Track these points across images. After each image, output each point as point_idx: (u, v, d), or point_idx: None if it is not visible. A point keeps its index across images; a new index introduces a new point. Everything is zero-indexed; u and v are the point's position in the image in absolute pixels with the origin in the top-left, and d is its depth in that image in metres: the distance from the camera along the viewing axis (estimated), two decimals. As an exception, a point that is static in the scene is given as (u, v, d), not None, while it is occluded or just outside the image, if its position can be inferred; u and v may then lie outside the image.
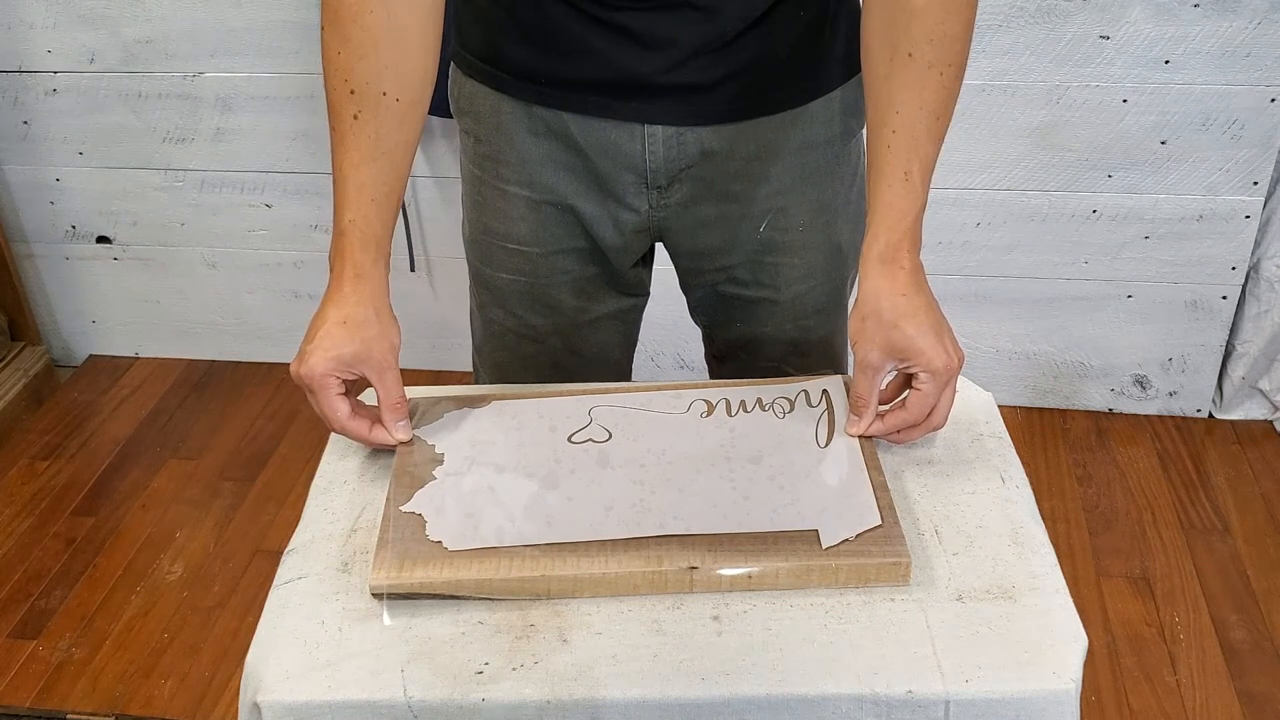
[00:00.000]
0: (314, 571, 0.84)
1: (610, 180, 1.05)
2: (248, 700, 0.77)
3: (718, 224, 1.08)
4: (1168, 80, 1.84)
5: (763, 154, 1.04)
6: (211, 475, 2.09)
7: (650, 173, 1.04)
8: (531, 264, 1.10)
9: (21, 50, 2.09)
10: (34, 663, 1.71)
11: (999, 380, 2.16)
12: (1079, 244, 2.00)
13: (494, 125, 1.06)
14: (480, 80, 1.05)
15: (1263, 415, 2.14)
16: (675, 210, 1.07)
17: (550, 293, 1.12)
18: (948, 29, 0.87)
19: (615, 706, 0.74)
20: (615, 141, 1.02)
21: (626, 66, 0.97)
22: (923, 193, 0.90)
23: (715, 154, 1.03)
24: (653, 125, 1.01)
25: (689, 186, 1.05)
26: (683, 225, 1.08)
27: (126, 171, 2.20)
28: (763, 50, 0.98)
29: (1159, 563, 1.83)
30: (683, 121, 1.01)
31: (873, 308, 0.89)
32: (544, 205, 1.07)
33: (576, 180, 1.05)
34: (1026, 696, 0.74)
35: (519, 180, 1.07)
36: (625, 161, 1.03)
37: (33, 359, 2.32)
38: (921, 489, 0.90)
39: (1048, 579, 0.81)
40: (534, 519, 0.85)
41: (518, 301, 1.14)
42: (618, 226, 1.08)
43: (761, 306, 1.13)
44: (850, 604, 0.80)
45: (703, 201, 1.06)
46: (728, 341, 1.20)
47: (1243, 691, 1.61)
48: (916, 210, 0.89)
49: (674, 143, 1.02)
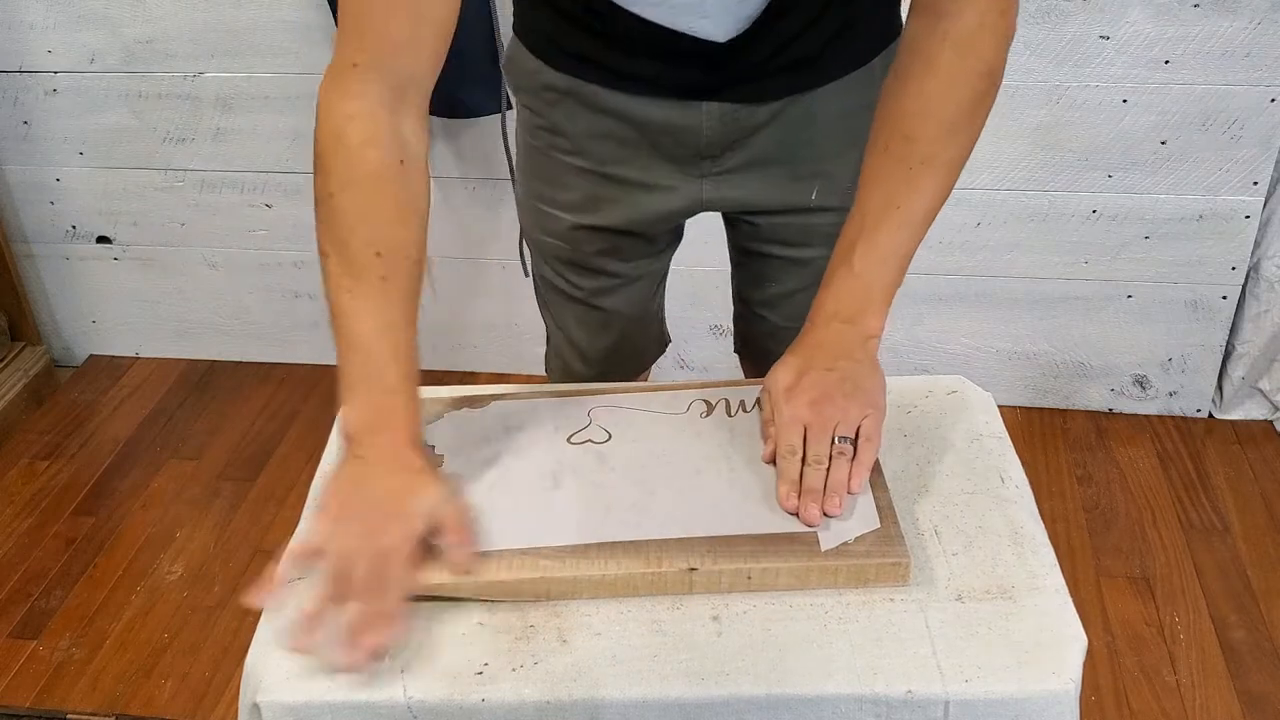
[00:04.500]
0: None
1: (663, 151, 1.07)
2: (248, 700, 0.77)
3: (768, 190, 1.10)
4: (1168, 80, 1.83)
5: (811, 122, 1.06)
6: (211, 475, 2.09)
7: (704, 144, 1.06)
8: (575, 232, 1.14)
9: (22, 50, 2.09)
10: (34, 663, 1.71)
11: (999, 380, 2.16)
12: (1079, 244, 2.00)
13: (551, 100, 1.08)
14: (539, 57, 1.07)
15: (1263, 415, 2.14)
16: (727, 178, 1.09)
17: (592, 260, 1.17)
18: (926, 129, 0.91)
19: (615, 707, 0.74)
20: (671, 118, 1.04)
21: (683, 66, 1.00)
22: (869, 277, 0.92)
23: (767, 125, 1.05)
24: (709, 103, 1.03)
25: (741, 155, 1.08)
26: (734, 193, 1.11)
27: (126, 171, 2.20)
28: (814, 32, 1.00)
29: (1159, 563, 1.83)
30: (739, 100, 1.03)
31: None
32: (594, 174, 1.10)
33: (629, 150, 1.08)
34: (1026, 696, 0.74)
35: (572, 150, 1.10)
36: (680, 136, 1.06)
37: (33, 359, 2.32)
38: (921, 489, 0.90)
39: (1047, 579, 0.81)
40: (533, 520, 0.84)
41: (562, 265, 1.19)
42: (669, 195, 1.11)
43: (809, 265, 1.16)
44: (850, 604, 0.80)
45: (755, 168, 1.09)
46: (764, 300, 1.23)
47: (1243, 691, 1.61)
48: (853, 290, 0.92)
49: (730, 118, 1.04)
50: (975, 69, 0.91)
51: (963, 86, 0.91)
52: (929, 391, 1.01)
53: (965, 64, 0.90)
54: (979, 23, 0.89)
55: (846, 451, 0.86)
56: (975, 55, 0.90)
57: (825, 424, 0.86)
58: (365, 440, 0.83)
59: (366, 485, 0.81)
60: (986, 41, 0.90)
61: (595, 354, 1.25)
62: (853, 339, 0.91)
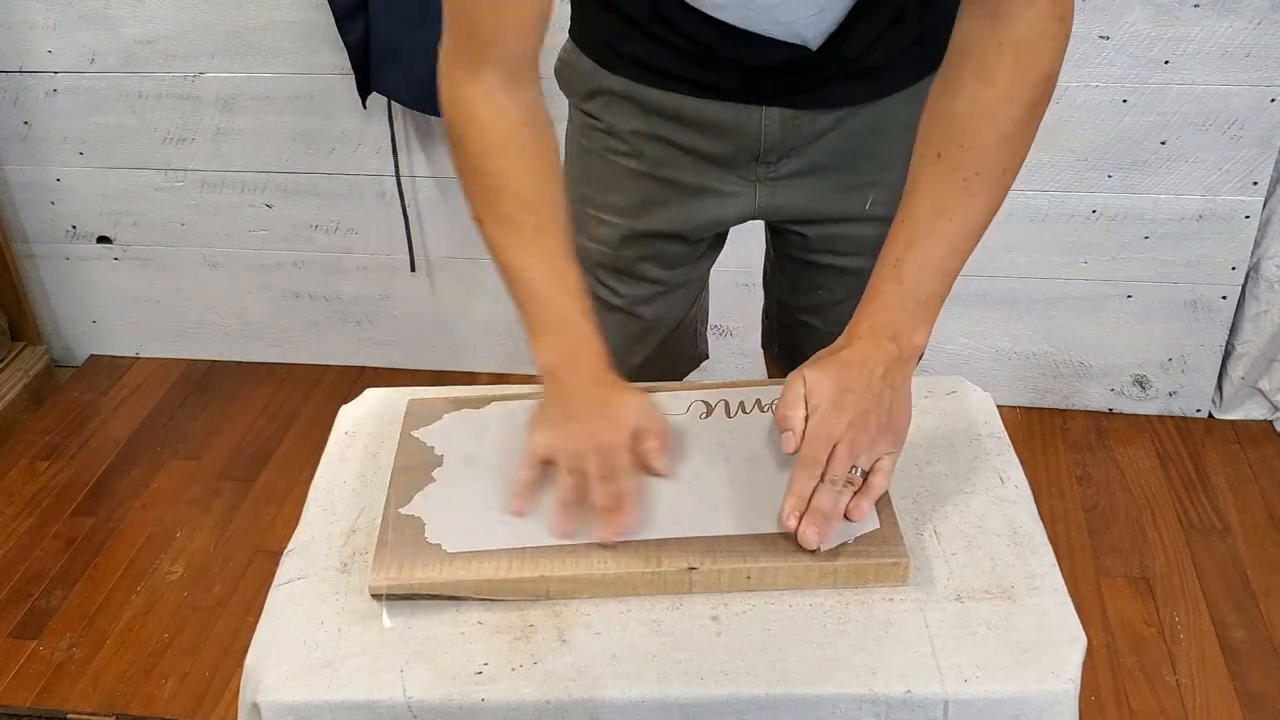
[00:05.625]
0: (314, 572, 0.84)
1: (720, 155, 1.07)
2: (248, 700, 0.77)
3: (823, 198, 1.09)
4: (1167, 80, 1.83)
5: (872, 132, 1.05)
6: (211, 475, 2.09)
7: (764, 150, 1.06)
8: (620, 237, 1.13)
9: (22, 50, 2.09)
10: (34, 663, 1.71)
11: (999, 380, 2.16)
12: (1079, 244, 2.00)
13: (605, 103, 1.08)
14: (596, 61, 1.07)
15: (1263, 415, 2.14)
16: (782, 184, 1.09)
17: (635, 266, 1.16)
18: (981, 139, 0.87)
19: (614, 706, 0.74)
20: (729, 121, 1.04)
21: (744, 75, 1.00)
22: (919, 291, 0.89)
23: (828, 132, 1.05)
24: (770, 107, 1.03)
25: (799, 161, 1.07)
26: (789, 200, 1.10)
27: (127, 171, 2.20)
28: (875, 50, 0.99)
29: (1159, 563, 1.83)
30: (799, 106, 1.02)
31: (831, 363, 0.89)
32: (646, 177, 1.10)
33: (685, 154, 1.07)
34: (1025, 696, 0.74)
35: (626, 153, 1.09)
36: (738, 140, 1.05)
37: (33, 359, 2.32)
38: (920, 489, 0.90)
39: (1047, 579, 0.81)
40: (533, 520, 0.85)
41: (605, 272, 1.18)
42: (722, 199, 1.10)
43: (859, 275, 1.13)
44: (849, 604, 0.80)
45: (811, 175, 1.08)
46: (808, 307, 1.22)
47: (1242, 691, 1.61)
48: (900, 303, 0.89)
49: (790, 124, 1.04)
50: (1032, 79, 0.86)
51: (1020, 97, 0.86)
52: (929, 391, 1.01)
53: (1024, 73, 0.86)
54: (1039, 30, 0.84)
55: (856, 482, 0.84)
56: (1034, 64, 0.86)
57: (853, 449, 0.84)
58: (563, 373, 0.91)
59: (574, 402, 0.89)
60: (1045, 50, 0.86)
61: (630, 367, 1.22)
62: (896, 358, 0.88)
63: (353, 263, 2.25)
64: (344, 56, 1.93)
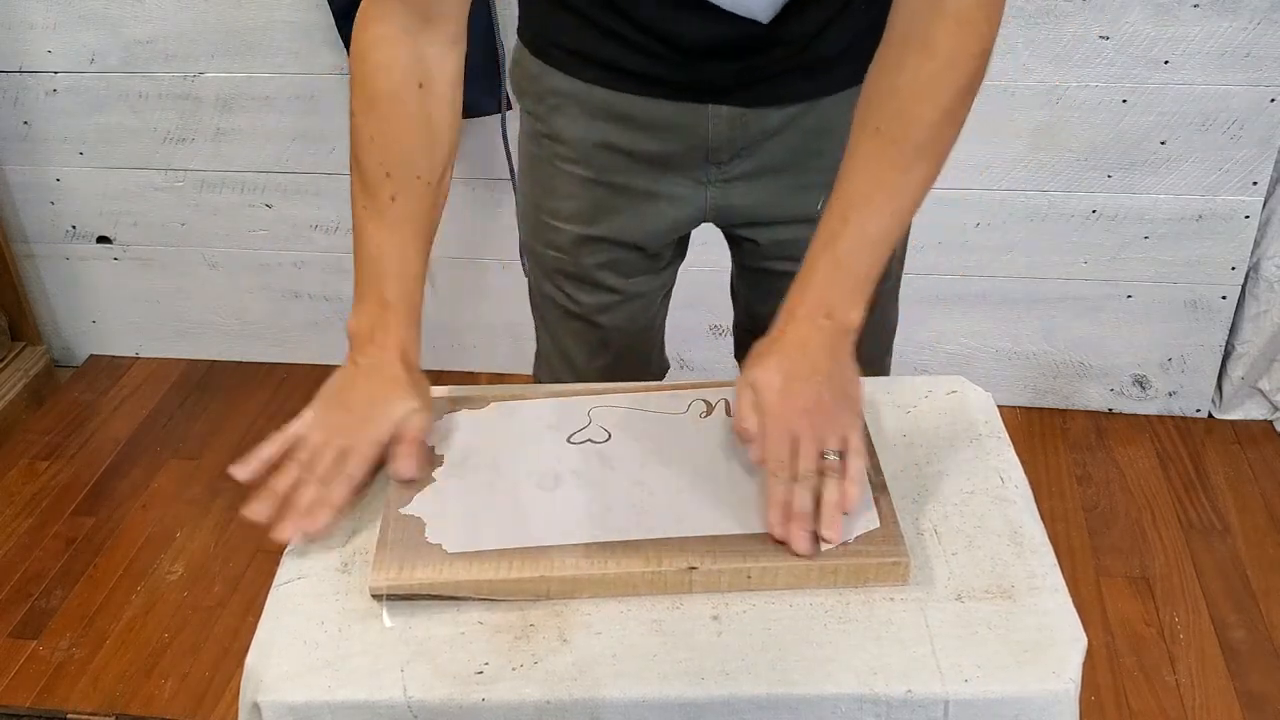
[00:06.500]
0: (314, 572, 0.84)
1: (670, 157, 1.06)
2: (248, 700, 0.77)
3: (776, 199, 1.09)
4: (1167, 80, 1.84)
5: (821, 132, 1.05)
6: (211, 475, 2.09)
7: (711, 149, 1.05)
8: (576, 243, 1.12)
9: (22, 50, 2.09)
10: (34, 663, 1.71)
11: (998, 380, 2.16)
12: (1078, 244, 2.00)
13: (554, 105, 1.07)
14: (543, 59, 1.06)
15: (1262, 415, 2.14)
16: (734, 185, 1.08)
17: (592, 273, 1.15)
18: (922, 111, 0.87)
19: (615, 706, 0.74)
20: (678, 121, 1.03)
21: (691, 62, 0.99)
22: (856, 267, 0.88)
23: (777, 132, 1.04)
24: (718, 105, 1.02)
25: (750, 162, 1.06)
26: (740, 201, 1.09)
27: (126, 171, 2.20)
28: (825, 38, 0.99)
29: (1158, 563, 1.83)
30: (748, 104, 1.02)
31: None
32: (596, 184, 1.09)
33: (634, 160, 1.07)
34: (1025, 696, 0.74)
35: (575, 159, 1.09)
36: (687, 140, 1.04)
37: (33, 359, 2.32)
38: (920, 489, 0.90)
39: (1047, 579, 0.81)
40: (533, 520, 0.85)
41: (562, 279, 1.17)
42: (673, 203, 1.09)
43: None
44: (850, 604, 0.80)
45: (762, 177, 1.07)
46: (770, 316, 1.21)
47: (1242, 691, 1.61)
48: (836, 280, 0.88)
49: (739, 122, 1.03)
50: (972, 50, 0.86)
51: (962, 67, 0.87)
52: (929, 391, 1.01)
53: (964, 44, 0.86)
54: (977, 2, 0.85)
55: (835, 467, 0.83)
56: (974, 34, 0.86)
57: (815, 436, 0.83)
58: (360, 347, 0.92)
59: (350, 388, 0.91)
60: (982, 22, 0.86)
61: (589, 373, 1.22)
62: (836, 336, 0.88)
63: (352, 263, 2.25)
64: (344, 56, 1.93)
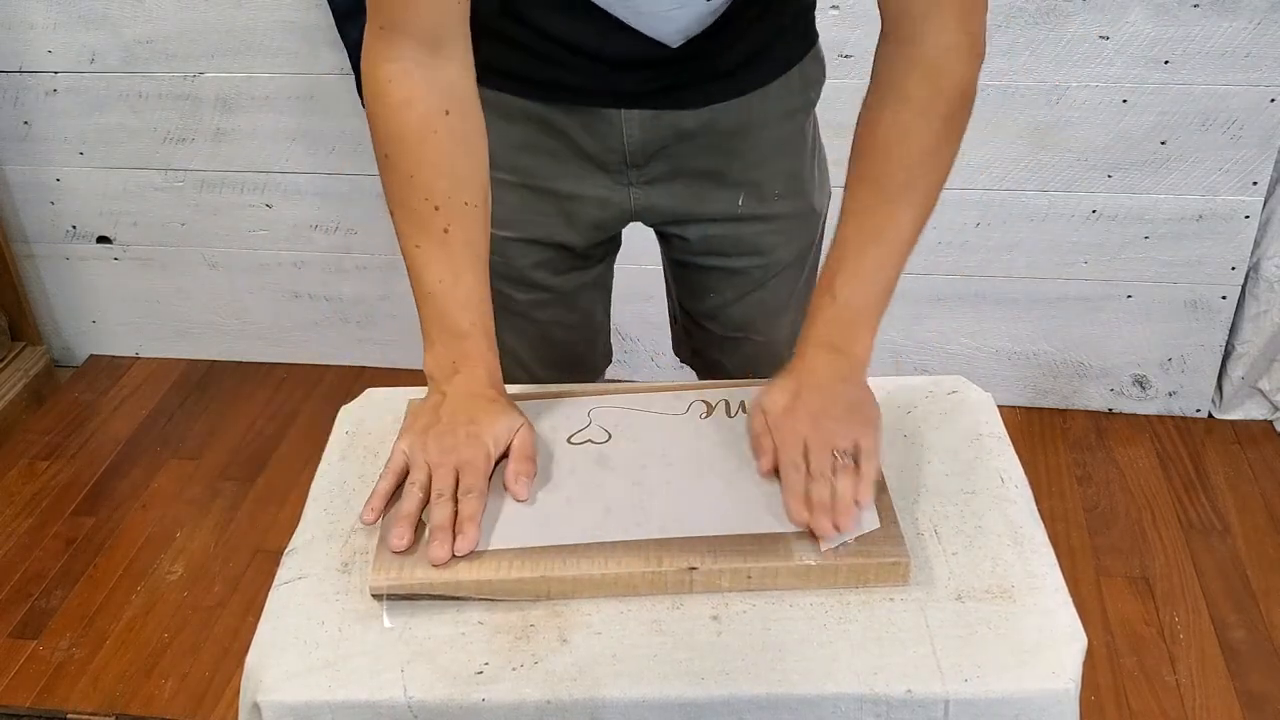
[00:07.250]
0: (314, 572, 0.84)
1: (589, 159, 1.07)
2: (248, 700, 0.77)
3: (697, 199, 1.10)
4: (1167, 80, 1.84)
5: (735, 131, 1.06)
6: (211, 475, 2.09)
7: (629, 152, 1.06)
8: (506, 246, 1.12)
9: (22, 50, 2.09)
10: (34, 663, 1.71)
11: (998, 380, 2.16)
12: (1079, 244, 2.00)
13: None
14: None
15: (1262, 415, 2.14)
16: (655, 187, 1.09)
17: (527, 274, 1.15)
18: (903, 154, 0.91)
19: (615, 706, 0.74)
20: (592, 124, 1.04)
21: (600, 72, 1.00)
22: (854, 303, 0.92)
23: (691, 133, 1.05)
24: (629, 110, 1.03)
25: (667, 164, 1.08)
26: (662, 202, 1.11)
27: (126, 171, 2.20)
28: (726, 56, 1.01)
29: (1159, 563, 1.83)
30: (658, 105, 1.03)
31: None
32: (522, 188, 1.09)
33: (555, 162, 1.08)
34: (1025, 696, 0.74)
35: (498, 164, 1.07)
36: (603, 143, 1.05)
37: (33, 359, 2.32)
38: (921, 489, 0.90)
39: (1047, 579, 0.82)
40: (533, 520, 0.85)
41: (499, 279, 1.16)
42: (597, 204, 1.10)
43: (744, 274, 1.17)
44: (850, 604, 0.80)
45: (680, 177, 1.09)
46: (705, 312, 1.23)
47: (1242, 691, 1.61)
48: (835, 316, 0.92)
49: (651, 124, 1.04)
50: (946, 93, 0.90)
51: (937, 111, 0.91)
52: (929, 391, 1.01)
53: (937, 90, 0.90)
54: (945, 47, 0.89)
55: (848, 465, 0.85)
56: (946, 80, 0.90)
57: (824, 439, 0.85)
58: (443, 381, 0.91)
59: (445, 412, 0.89)
60: (954, 66, 0.90)
61: (537, 365, 1.23)
62: (842, 366, 0.91)
63: (352, 263, 2.25)
64: (344, 56, 1.93)
